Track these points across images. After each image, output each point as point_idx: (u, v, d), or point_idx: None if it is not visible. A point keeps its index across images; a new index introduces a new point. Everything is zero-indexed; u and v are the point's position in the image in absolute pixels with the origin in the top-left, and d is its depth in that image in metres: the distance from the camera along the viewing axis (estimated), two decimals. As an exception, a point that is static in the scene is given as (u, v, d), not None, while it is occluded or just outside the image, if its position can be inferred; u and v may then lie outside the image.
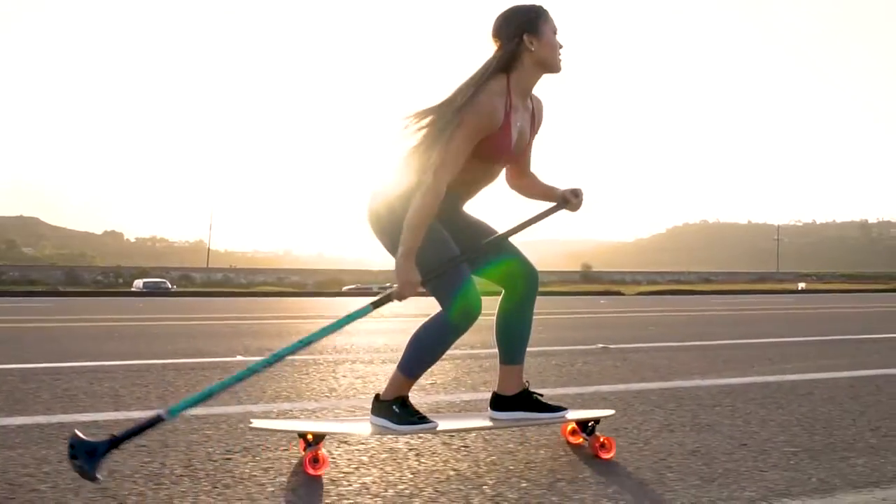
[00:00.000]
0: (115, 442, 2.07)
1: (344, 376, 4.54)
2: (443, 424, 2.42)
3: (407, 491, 2.15)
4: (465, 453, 2.58)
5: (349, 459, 2.49)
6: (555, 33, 2.34)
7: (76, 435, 2.04)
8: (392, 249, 2.33)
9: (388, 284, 43.15)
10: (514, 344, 2.50)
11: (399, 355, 2.41)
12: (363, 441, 2.70)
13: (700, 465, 2.42)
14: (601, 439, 2.48)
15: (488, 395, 2.62)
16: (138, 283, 37.44)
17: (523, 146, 2.41)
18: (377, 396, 2.40)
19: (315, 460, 2.24)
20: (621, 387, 4.11)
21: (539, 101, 2.49)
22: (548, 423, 2.63)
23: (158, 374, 4.59)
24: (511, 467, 2.40)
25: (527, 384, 2.52)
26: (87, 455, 2.00)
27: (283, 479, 2.27)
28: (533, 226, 2.49)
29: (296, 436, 2.52)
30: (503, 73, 2.30)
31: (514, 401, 2.49)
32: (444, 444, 2.70)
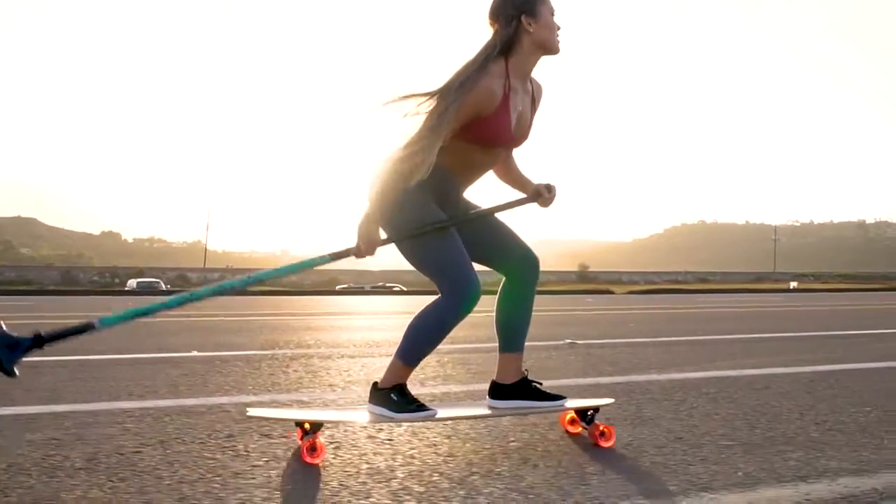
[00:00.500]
0: (38, 340, 1.99)
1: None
2: (441, 413, 2.37)
3: (307, 484, 2.06)
4: (387, 447, 2.49)
5: (263, 452, 2.40)
6: (552, 14, 2.30)
7: (0, 328, 1.98)
8: (385, 228, 2.30)
9: (380, 284, 43.09)
10: (514, 331, 2.47)
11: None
12: (284, 434, 2.60)
13: (626, 460, 2.32)
14: (600, 428, 2.45)
15: (482, 388, 2.54)
16: (132, 283, 37.65)
17: (523, 130, 2.37)
18: (375, 385, 2.36)
19: (312, 449, 2.20)
20: (576, 381, 4.03)
21: (539, 85, 2.45)
22: (547, 412, 2.60)
23: (103, 370, 4.48)
24: (429, 461, 2.30)
25: (526, 372, 2.49)
26: (8, 349, 1.94)
27: (186, 471, 2.18)
28: (501, 212, 2.48)
29: (214, 429, 2.43)
30: (501, 56, 2.27)
31: (513, 389, 2.46)
32: (369, 437, 2.61)
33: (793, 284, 42.78)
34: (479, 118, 2.22)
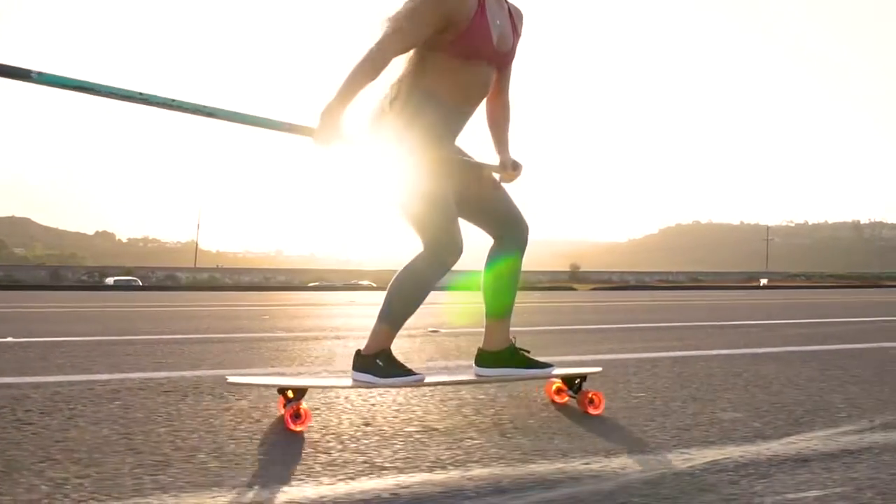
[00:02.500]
0: None
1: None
2: (427, 379, 2.29)
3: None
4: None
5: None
6: None
7: None
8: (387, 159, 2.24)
9: (353, 281, 42.66)
10: (501, 298, 2.41)
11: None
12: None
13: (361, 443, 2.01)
14: (589, 395, 2.37)
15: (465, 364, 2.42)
16: (110, 280, 38.35)
17: (506, 46, 2.30)
18: (358, 352, 2.27)
19: (296, 415, 2.10)
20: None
21: (518, 11, 2.40)
22: (534, 379, 2.54)
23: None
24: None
25: (513, 340, 2.42)
26: None
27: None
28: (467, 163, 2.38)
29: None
30: None
31: (500, 356, 2.39)
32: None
33: (763, 281, 43.24)
34: (457, 27, 2.16)
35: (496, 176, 2.44)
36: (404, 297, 2.24)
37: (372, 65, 2.10)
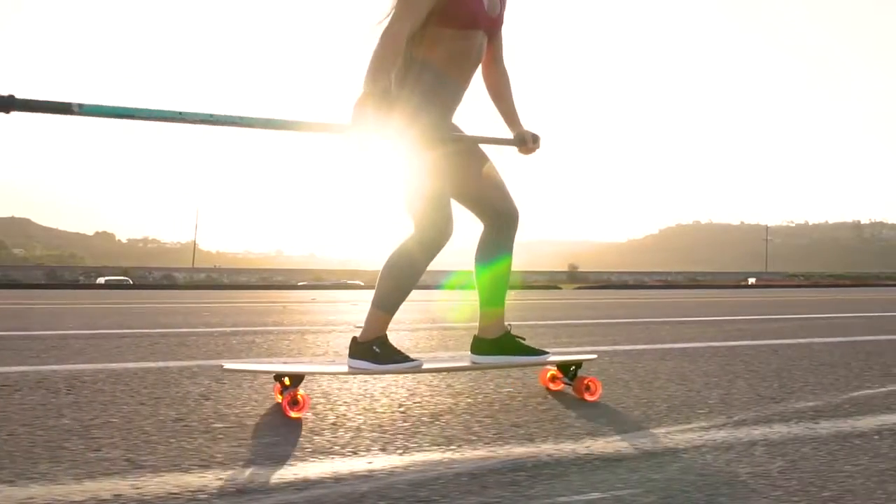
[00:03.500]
0: (13, 101, 1.78)
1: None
2: (424, 366, 2.24)
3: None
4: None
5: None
6: None
7: None
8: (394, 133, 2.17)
9: (343, 280, 42.50)
10: (494, 285, 2.38)
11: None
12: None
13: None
14: (585, 381, 2.35)
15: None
16: (101, 280, 38.79)
17: (496, 14, 2.30)
18: (354, 339, 2.23)
19: (294, 402, 2.06)
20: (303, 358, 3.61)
21: None
22: (530, 367, 2.48)
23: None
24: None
25: (508, 327, 2.39)
26: None
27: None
28: (483, 144, 2.37)
29: None
30: None
31: (495, 344, 2.36)
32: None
33: (751, 280, 43.38)
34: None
35: (489, 173, 2.39)
36: (396, 279, 2.21)
37: (392, 48, 2.08)
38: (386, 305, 2.22)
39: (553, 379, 2.52)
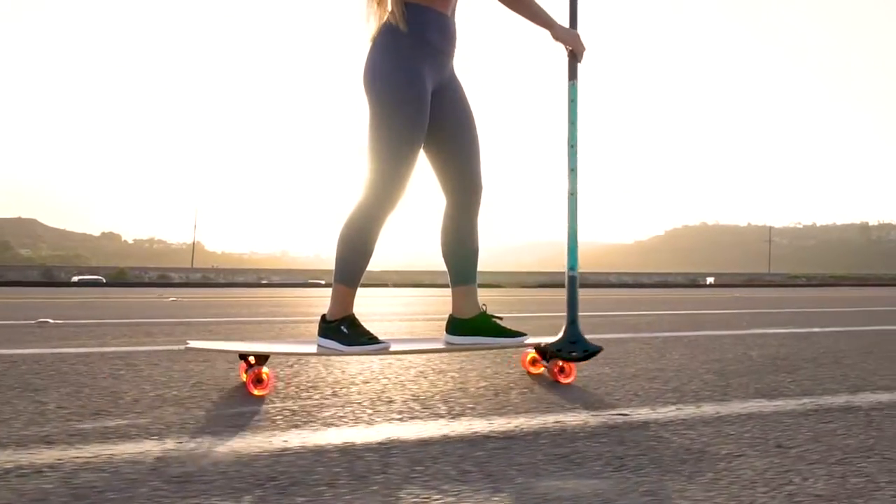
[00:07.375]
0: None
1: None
2: (394, 347, 2.20)
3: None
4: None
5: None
6: None
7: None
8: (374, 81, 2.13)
9: (311, 280, 42.13)
10: (464, 262, 2.29)
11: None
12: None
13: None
14: (560, 364, 2.28)
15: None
16: (75, 278, 39.35)
17: None
18: (323, 317, 2.19)
19: (258, 380, 2.05)
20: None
21: None
22: (506, 348, 2.42)
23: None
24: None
25: (484, 307, 2.31)
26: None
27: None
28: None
29: None
30: None
31: (471, 324, 2.28)
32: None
33: (710, 280, 44.38)
34: None
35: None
36: (354, 247, 2.14)
37: None
38: (345, 278, 2.15)
39: (533, 362, 2.47)
